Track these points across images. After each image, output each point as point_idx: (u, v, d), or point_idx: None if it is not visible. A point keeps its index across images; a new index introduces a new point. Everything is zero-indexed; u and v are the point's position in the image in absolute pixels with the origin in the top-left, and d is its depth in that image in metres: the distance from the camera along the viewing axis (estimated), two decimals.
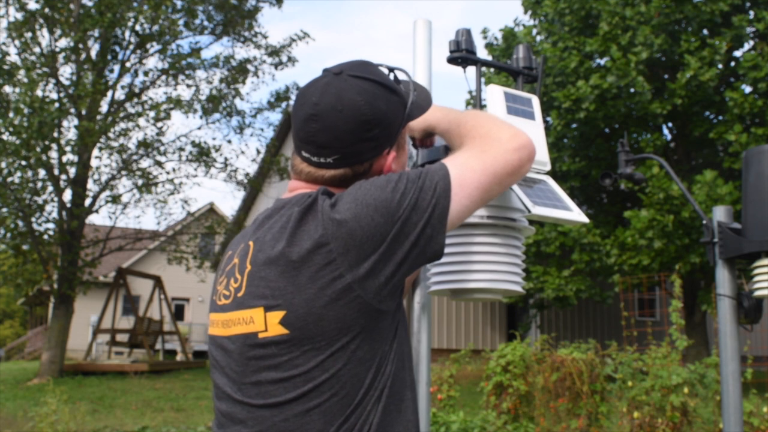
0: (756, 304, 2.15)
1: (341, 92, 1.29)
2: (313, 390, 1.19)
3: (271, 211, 1.32)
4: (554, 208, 1.46)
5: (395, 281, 1.22)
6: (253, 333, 1.23)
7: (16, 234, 15.37)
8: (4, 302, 41.50)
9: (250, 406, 1.24)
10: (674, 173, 2.43)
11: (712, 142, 13.53)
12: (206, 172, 17.97)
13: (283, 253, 1.21)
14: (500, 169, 1.27)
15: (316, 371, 1.19)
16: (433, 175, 1.24)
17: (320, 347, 1.19)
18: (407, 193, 1.21)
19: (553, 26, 14.39)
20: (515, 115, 1.56)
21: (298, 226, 1.22)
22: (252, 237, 1.30)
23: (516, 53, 1.69)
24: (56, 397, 7.89)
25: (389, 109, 1.32)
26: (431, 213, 1.22)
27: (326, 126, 1.29)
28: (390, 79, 1.39)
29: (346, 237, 1.18)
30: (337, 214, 1.20)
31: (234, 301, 1.28)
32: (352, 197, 1.22)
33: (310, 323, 1.19)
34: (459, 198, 1.25)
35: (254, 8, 18.08)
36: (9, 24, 15.25)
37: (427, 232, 1.22)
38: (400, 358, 1.28)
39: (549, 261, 14.02)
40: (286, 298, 1.20)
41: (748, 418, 5.20)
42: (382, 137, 1.32)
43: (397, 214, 1.20)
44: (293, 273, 1.20)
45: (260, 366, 1.23)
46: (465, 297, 1.58)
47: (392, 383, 1.25)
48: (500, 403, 6.39)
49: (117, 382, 14.78)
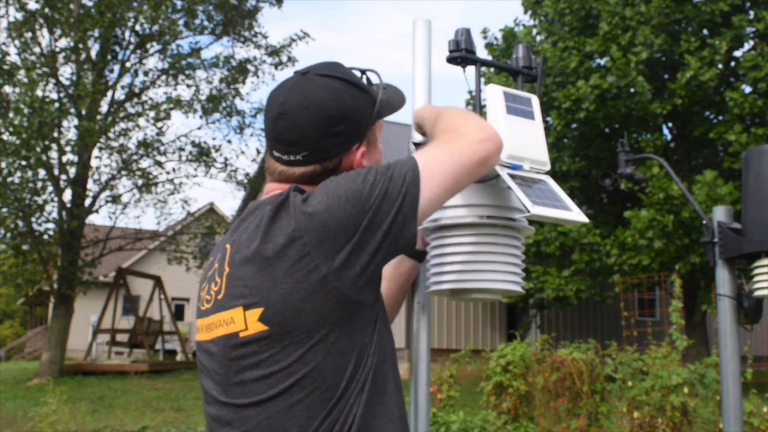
0: (756, 304, 2.15)
1: (307, 90, 1.34)
2: (295, 385, 1.21)
3: (246, 213, 1.34)
4: (554, 208, 1.46)
5: (370, 271, 1.24)
6: (235, 333, 1.25)
7: (16, 234, 15.37)
8: (4, 302, 41.50)
9: (236, 407, 1.26)
10: (674, 173, 2.43)
11: (712, 142, 13.53)
12: (206, 172, 17.97)
13: (258, 251, 1.23)
14: (467, 159, 1.29)
15: (297, 365, 1.21)
16: (402, 166, 1.27)
17: (300, 341, 1.20)
18: (377, 183, 1.23)
19: (553, 26, 14.39)
20: (515, 114, 1.55)
21: (271, 223, 1.24)
22: (229, 240, 1.33)
23: (515, 53, 1.69)
24: (56, 397, 7.89)
25: (356, 105, 1.36)
26: (402, 201, 1.24)
27: (293, 123, 1.33)
28: (355, 76, 1.42)
29: (319, 229, 1.20)
30: (309, 207, 1.22)
31: (215, 304, 1.30)
32: (323, 191, 1.24)
33: (288, 318, 1.20)
34: (429, 186, 1.26)
35: (254, 8, 18.09)
36: (9, 24, 15.25)
37: (398, 220, 1.24)
38: (382, 350, 1.30)
39: (549, 261, 14.02)
40: (263, 294, 1.21)
41: (748, 418, 5.20)
42: (348, 132, 1.35)
43: (369, 203, 1.22)
44: (269, 269, 1.21)
45: (243, 365, 1.24)
46: (464, 297, 1.57)
47: (374, 376, 1.27)
48: (500, 403, 6.39)
49: (117, 382, 14.78)
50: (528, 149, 1.54)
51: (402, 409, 1.34)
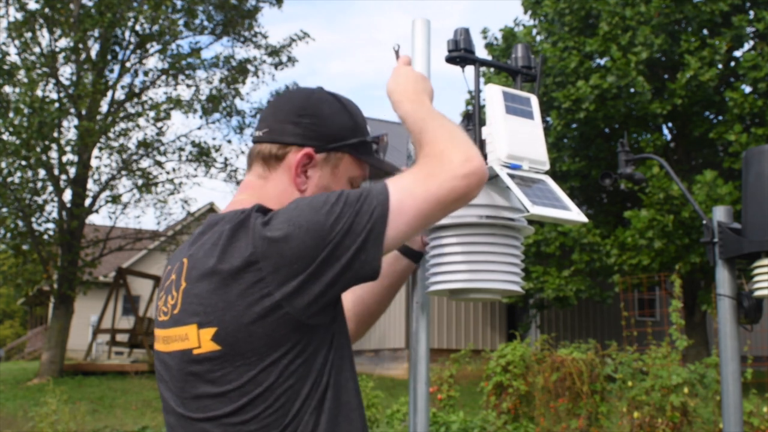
0: (756, 304, 2.15)
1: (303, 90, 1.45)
2: (248, 404, 1.22)
3: (205, 227, 1.33)
4: (553, 208, 1.45)
5: (325, 300, 1.23)
6: (189, 349, 1.26)
7: (16, 234, 15.37)
8: (4, 302, 41.50)
9: (192, 420, 1.27)
10: (674, 173, 2.42)
11: (712, 142, 13.53)
12: (206, 172, 17.98)
13: (214, 270, 1.23)
14: (444, 196, 1.24)
15: (250, 385, 1.22)
16: (371, 200, 1.23)
17: (251, 362, 1.21)
18: (342, 216, 1.21)
19: (553, 26, 14.38)
20: (514, 114, 1.55)
21: (229, 242, 1.23)
22: (186, 253, 1.32)
23: (515, 52, 1.68)
24: (56, 397, 7.89)
25: (332, 117, 1.40)
26: (366, 237, 1.22)
27: (274, 105, 1.44)
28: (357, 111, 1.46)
29: (276, 256, 1.19)
30: (268, 232, 1.20)
31: (171, 318, 1.30)
32: (286, 216, 1.22)
33: (240, 339, 1.21)
34: (396, 224, 1.23)
35: (254, 8, 18.09)
36: (9, 24, 15.26)
37: (360, 256, 1.22)
38: (339, 366, 1.30)
39: (549, 261, 14.02)
40: (217, 314, 1.22)
41: (748, 418, 5.20)
42: (309, 130, 1.38)
43: (329, 237, 1.20)
44: (224, 290, 1.22)
45: (198, 381, 1.25)
46: (464, 297, 1.57)
47: (334, 392, 1.28)
48: (500, 403, 6.40)
49: (117, 382, 14.78)
50: (527, 149, 1.54)
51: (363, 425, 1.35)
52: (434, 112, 1.40)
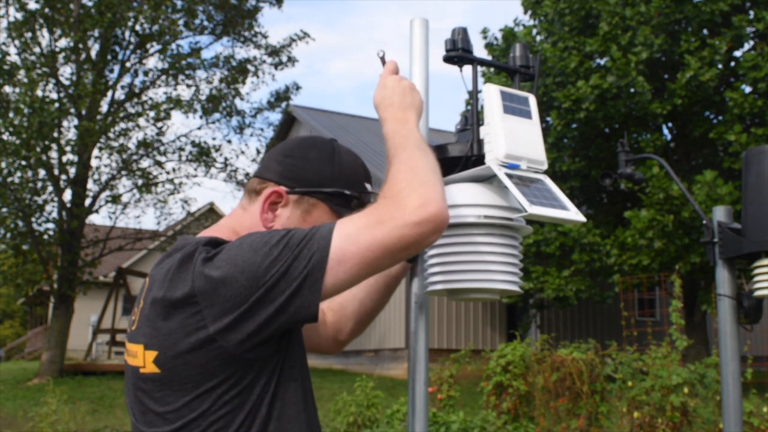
0: (756, 304, 2.15)
1: (313, 138, 1.50)
2: (183, 426, 1.27)
3: (173, 248, 1.38)
4: (551, 208, 1.45)
5: (261, 337, 1.24)
6: (137, 367, 1.32)
7: (16, 234, 15.37)
8: (4, 302, 41.51)
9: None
10: (674, 173, 2.42)
11: (712, 142, 13.52)
12: (206, 172, 17.98)
13: (161, 298, 1.27)
14: (391, 244, 1.21)
15: (184, 410, 1.26)
16: (312, 245, 1.22)
17: (187, 389, 1.26)
18: (279, 259, 1.21)
19: (553, 26, 14.38)
20: (512, 114, 1.55)
21: (176, 273, 1.27)
22: (153, 271, 1.37)
23: (513, 52, 1.68)
24: (56, 397, 7.90)
25: (315, 162, 1.43)
26: (301, 283, 1.21)
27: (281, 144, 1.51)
28: (352, 161, 1.48)
29: (212, 293, 1.22)
30: (207, 269, 1.24)
31: (130, 333, 1.37)
32: (227, 255, 1.25)
33: (177, 366, 1.26)
34: (335, 272, 1.22)
35: (254, 8, 18.09)
36: (9, 24, 15.26)
37: (295, 301, 1.22)
38: (283, 400, 1.30)
39: (549, 261, 14.01)
40: (159, 339, 1.27)
41: (748, 418, 5.20)
42: (288, 170, 1.42)
43: (262, 279, 1.21)
44: (167, 317, 1.26)
45: (144, 398, 1.32)
46: (462, 297, 1.57)
47: (277, 425, 1.29)
48: (500, 403, 6.39)
49: (117, 382, 14.78)
50: (525, 148, 1.53)
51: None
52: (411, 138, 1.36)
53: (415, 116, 1.43)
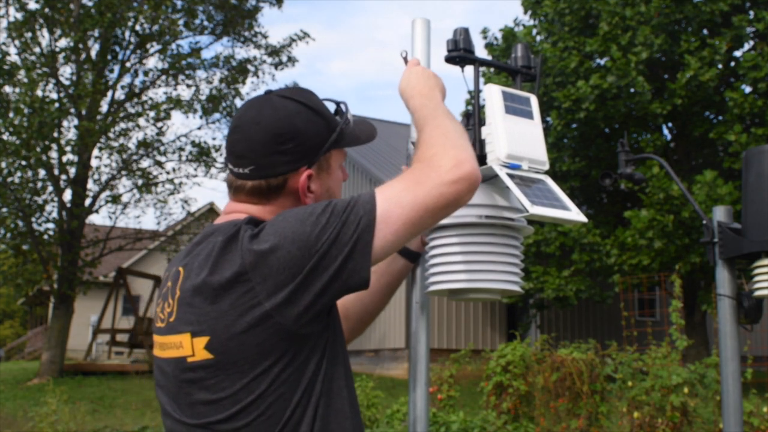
0: (756, 304, 2.15)
1: (262, 107, 1.38)
2: (240, 411, 1.24)
3: (201, 237, 1.36)
4: (552, 208, 1.45)
5: (316, 309, 1.24)
6: (183, 357, 1.28)
7: (16, 234, 15.37)
8: (4, 302, 41.49)
9: (187, 425, 1.30)
10: (674, 173, 2.42)
11: (712, 142, 13.53)
12: (206, 172, 17.98)
13: (206, 281, 1.25)
14: (432, 203, 1.24)
15: (242, 393, 1.24)
16: (358, 209, 1.24)
17: (244, 371, 1.24)
18: (328, 227, 1.22)
19: (553, 26, 14.38)
20: (513, 114, 1.55)
21: (220, 254, 1.25)
22: (182, 262, 1.35)
23: (514, 52, 1.68)
24: (56, 397, 7.90)
25: (307, 127, 1.37)
26: (352, 247, 1.22)
27: (244, 137, 1.37)
28: (319, 104, 1.43)
29: (264, 267, 1.21)
30: (256, 245, 1.22)
31: (167, 326, 1.33)
32: (273, 228, 1.24)
33: (232, 348, 1.23)
34: (383, 234, 1.24)
35: (254, 8, 18.09)
36: (9, 24, 15.26)
37: (348, 266, 1.23)
38: (331, 376, 1.31)
39: (549, 261, 14.02)
40: (209, 324, 1.24)
41: (748, 418, 5.20)
42: (296, 152, 1.36)
43: (315, 247, 1.21)
44: (216, 300, 1.24)
45: (192, 388, 1.28)
46: (463, 297, 1.57)
47: (327, 401, 1.29)
48: (500, 403, 6.39)
49: (117, 382, 14.78)
50: (527, 149, 1.54)
51: (358, 429, 1.36)
52: (440, 109, 1.40)
53: (440, 95, 1.46)
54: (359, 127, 1.48)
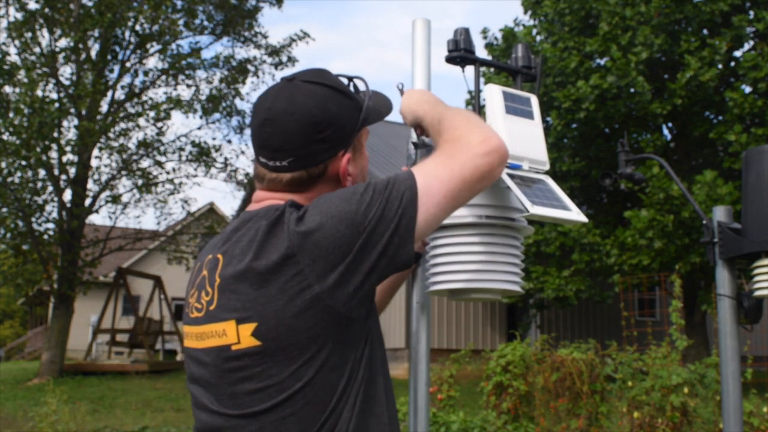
0: (756, 304, 2.15)
1: (292, 96, 1.34)
2: (287, 399, 1.22)
3: (239, 223, 1.34)
4: (553, 208, 1.45)
5: (365, 290, 1.24)
6: (227, 345, 1.25)
7: (16, 234, 15.37)
8: (4, 302, 41.50)
9: (227, 416, 1.27)
10: (674, 173, 2.43)
11: (712, 142, 13.53)
12: (206, 172, 17.98)
13: (251, 267, 1.23)
14: (468, 175, 1.26)
15: (290, 380, 1.22)
16: (399, 185, 1.24)
17: (292, 357, 1.21)
18: (373, 204, 1.22)
19: (553, 26, 14.38)
20: (514, 114, 1.55)
21: (265, 239, 1.23)
22: (220, 249, 1.32)
23: (515, 52, 1.69)
24: (56, 397, 7.89)
25: (341, 111, 1.35)
26: (398, 223, 1.22)
27: (278, 129, 1.33)
28: (343, 84, 1.41)
29: (312, 248, 1.20)
30: (303, 227, 1.21)
31: (206, 314, 1.30)
32: (318, 210, 1.23)
33: (281, 334, 1.21)
34: (426, 207, 1.24)
35: (254, 8, 18.09)
36: (9, 24, 15.25)
37: (394, 241, 1.22)
38: (373, 363, 1.30)
39: (549, 261, 14.02)
40: (257, 310, 1.22)
41: (748, 418, 5.20)
42: (334, 139, 1.34)
43: (363, 224, 1.21)
44: (263, 285, 1.22)
45: (235, 378, 1.25)
46: (464, 297, 1.57)
47: (366, 388, 1.27)
48: (500, 403, 6.39)
49: (117, 382, 14.79)
50: (527, 149, 1.54)
51: (394, 420, 1.34)
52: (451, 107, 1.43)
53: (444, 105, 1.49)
54: (377, 100, 1.47)
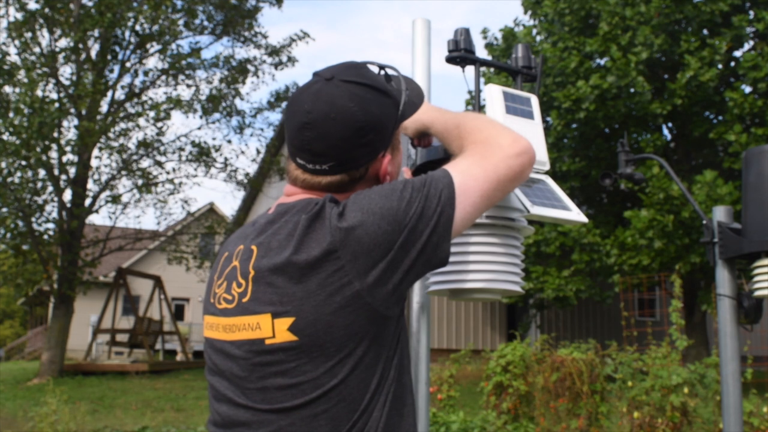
0: (756, 304, 2.15)
1: (334, 99, 1.28)
2: (321, 396, 1.20)
3: (274, 215, 1.31)
4: (553, 208, 1.46)
5: (402, 288, 1.23)
6: (260, 339, 1.23)
7: (16, 234, 15.37)
8: (4, 302, 41.50)
9: (255, 410, 1.24)
10: (674, 173, 2.43)
11: (712, 142, 13.53)
12: (206, 172, 17.98)
13: (291, 260, 1.21)
14: (502, 175, 1.27)
15: (325, 377, 1.20)
16: (437, 183, 1.24)
17: (329, 354, 1.20)
18: (413, 201, 1.21)
19: (553, 26, 14.38)
20: (514, 114, 1.55)
21: (306, 233, 1.22)
22: (254, 241, 1.29)
23: (515, 52, 1.69)
24: (56, 397, 7.89)
25: (382, 112, 1.32)
26: (437, 221, 1.22)
27: (320, 134, 1.28)
28: (381, 80, 1.38)
29: (354, 245, 1.19)
30: (345, 222, 1.20)
31: (238, 306, 1.27)
32: (359, 206, 1.22)
33: (319, 330, 1.19)
34: (463, 206, 1.25)
35: (254, 8, 18.09)
36: (9, 24, 15.25)
37: (433, 240, 1.23)
38: (401, 363, 1.30)
39: (549, 261, 14.01)
40: (294, 304, 1.20)
41: (748, 418, 5.20)
42: (376, 141, 1.31)
43: (404, 222, 1.20)
44: (302, 280, 1.20)
45: (267, 372, 1.23)
46: (464, 297, 1.57)
47: (395, 388, 1.27)
48: (500, 403, 6.39)
49: (117, 382, 14.79)
50: None
51: (416, 421, 1.34)
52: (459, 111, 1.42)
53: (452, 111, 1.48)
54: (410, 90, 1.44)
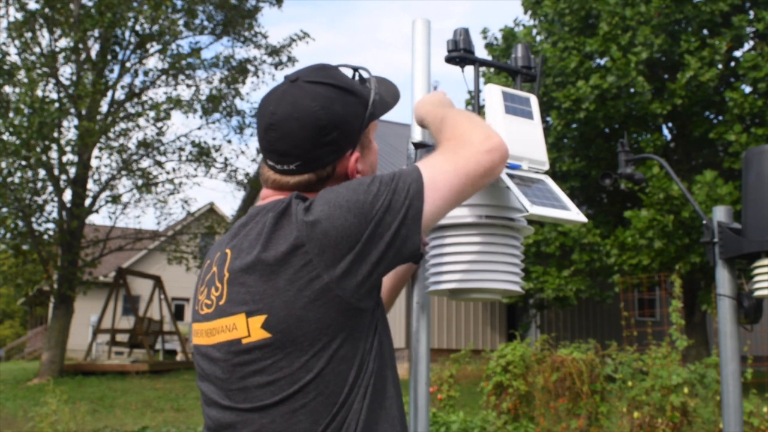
0: (756, 304, 2.15)
1: (296, 99, 1.32)
2: (299, 391, 1.22)
3: (246, 218, 1.34)
4: (552, 208, 1.45)
5: (372, 280, 1.24)
6: (237, 339, 1.25)
7: (16, 234, 15.38)
8: (4, 302, 41.50)
9: (239, 411, 1.26)
10: (674, 173, 2.43)
11: (712, 142, 13.53)
12: (206, 172, 17.99)
13: (260, 258, 1.23)
14: (472, 170, 1.28)
15: (301, 372, 1.22)
16: (406, 177, 1.26)
17: (303, 348, 1.21)
18: (380, 194, 1.23)
19: (553, 26, 14.38)
20: (513, 114, 1.55)
21: (273, 230, 1.24)
22: (228, 245, 1.32)
23: (515, 52, 1.69)
24: (56, 397, 7.89)
25: (346, 111, 1.34)
26: (405, 214, 1.24)
27: (284, 134, 1.32)
28: (347, 80, 1.40)
29: (321, 238, 1.20)
30: (311, 216, 1.22)
31: (216, 310, 1.29)
32: (325, 200, 1.23)
33: (291, 325, 1.21)
34: (432, 199, 1.26)
35: (254, 8, 18.09)
36: (9, 24, 15.26)
37: (402, 232, 1.24)
38: (381, 355, 1.30)
39: (549, 261, 14.01)
40: (266, 302, 1.22)
41: (748, 418, 5.20)
42: (341, 140, 1.34)
43: (371, 214, 1.22)
44: (271, 276, 1.22)
45: (246, 372, 1.25)
46: (464, 297, 1.57)
47: (375, 380, 1.28)
48: (500, 403, 6.39)
49: (117, 382, 14.79)
50: (527, 149, 1.54)
51: (402, 412, 1.35)
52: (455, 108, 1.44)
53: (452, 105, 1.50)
54: (383, 90, 1.46)
